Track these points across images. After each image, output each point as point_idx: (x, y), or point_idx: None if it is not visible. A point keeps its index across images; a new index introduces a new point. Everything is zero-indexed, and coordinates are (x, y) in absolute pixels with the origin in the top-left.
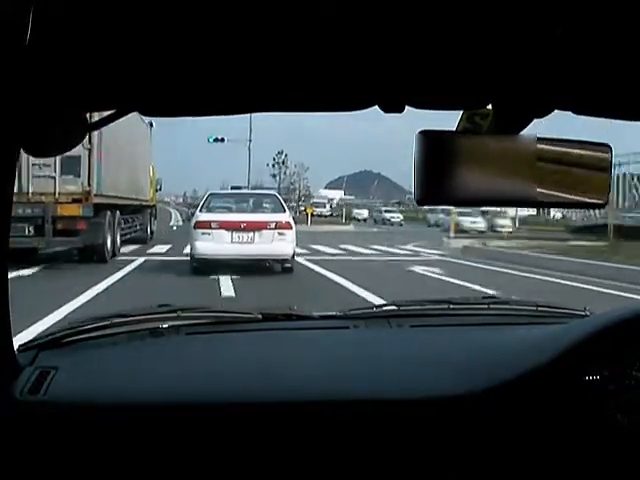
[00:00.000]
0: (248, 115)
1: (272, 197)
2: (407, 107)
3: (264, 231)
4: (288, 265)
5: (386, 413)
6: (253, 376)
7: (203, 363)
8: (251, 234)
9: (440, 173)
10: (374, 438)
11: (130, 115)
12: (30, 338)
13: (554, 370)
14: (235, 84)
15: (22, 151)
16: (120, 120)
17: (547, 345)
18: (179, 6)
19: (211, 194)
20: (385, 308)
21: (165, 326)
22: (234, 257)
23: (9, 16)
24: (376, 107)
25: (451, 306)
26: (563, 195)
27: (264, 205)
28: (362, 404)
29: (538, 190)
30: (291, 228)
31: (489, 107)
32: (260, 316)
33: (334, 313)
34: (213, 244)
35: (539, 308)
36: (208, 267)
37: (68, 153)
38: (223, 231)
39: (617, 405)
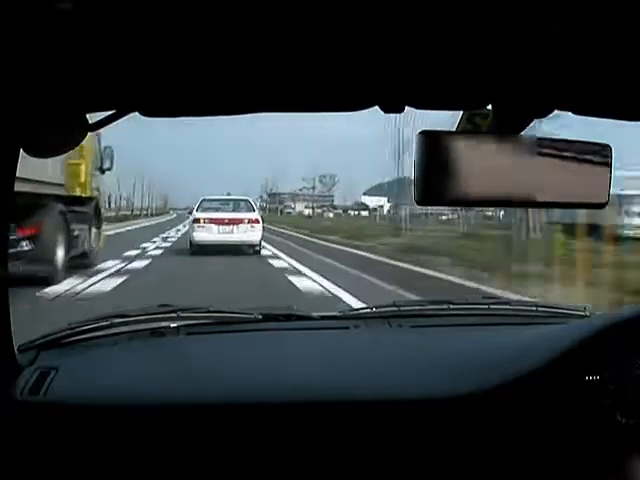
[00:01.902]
0: None
1: (246, 201)
2: (409, 108)
3: (240, 225)
4: (257, 249)
5: (386, 413)
6: (253, 376)
7: (203, 363)
8: (232, 227)
9: (440, 173)
10: (374, 438)
11: None
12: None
13: (554, 370)
14: (235, 84)
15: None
16: None
17: (547, 345)
18: (179, 7)
19: (203, 199)
20: (385, 308)
21: (165, 326)
22: (220, 243)
23: (9, 16)
24: (376, 107)
25: (451, 306)
26: (563, 195)
27: (240, 206)
28: (362, 404)
29: (538, 190)
30: (259, 222)
31: (489, 107)
32: (260, 316)
33: (334, 313)
34: (206, 234)
35: (539, 308)
36: (202, 250)
37: None
38: (212, 225)
39: (617, 405)
